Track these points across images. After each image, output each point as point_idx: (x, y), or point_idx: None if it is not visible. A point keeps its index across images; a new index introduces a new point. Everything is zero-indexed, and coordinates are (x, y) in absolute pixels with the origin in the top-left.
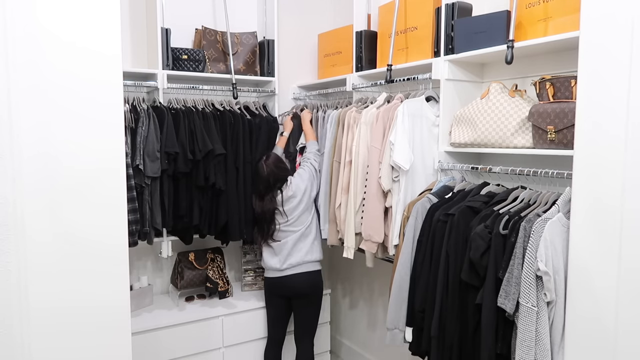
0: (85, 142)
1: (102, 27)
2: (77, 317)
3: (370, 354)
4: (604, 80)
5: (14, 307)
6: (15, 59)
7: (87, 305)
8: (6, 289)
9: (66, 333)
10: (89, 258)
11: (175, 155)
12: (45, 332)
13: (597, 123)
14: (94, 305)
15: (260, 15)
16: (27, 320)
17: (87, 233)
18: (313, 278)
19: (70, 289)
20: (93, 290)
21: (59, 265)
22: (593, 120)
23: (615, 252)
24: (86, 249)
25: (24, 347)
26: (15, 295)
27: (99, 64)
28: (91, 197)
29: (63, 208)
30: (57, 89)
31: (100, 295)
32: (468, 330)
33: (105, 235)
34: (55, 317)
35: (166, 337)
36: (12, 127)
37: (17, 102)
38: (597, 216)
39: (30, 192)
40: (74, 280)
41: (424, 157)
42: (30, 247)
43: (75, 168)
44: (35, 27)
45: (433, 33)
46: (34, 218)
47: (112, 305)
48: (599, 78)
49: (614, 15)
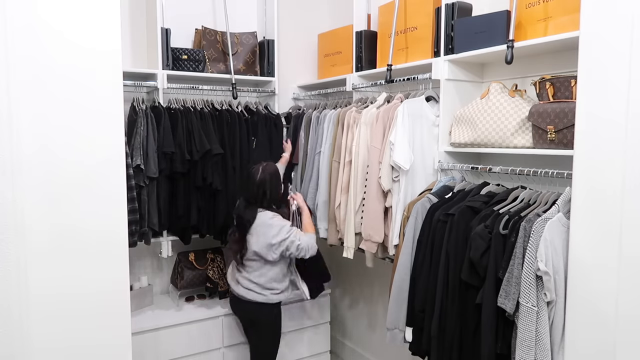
0: (85, 136)
1: (101, 20)
2: (77, 316)
3: (370, 354)
4: (604, 79)
5: (14, 303)
6: (14, 52)
7: (88, 304)
8: (6, 287)
9: (66, 332)
10: (89, 250)
11: (172, 155)
12: (45, 331)
13: (597, 122)
14: (94, 305)
15: (260, 15)
16: (27, 320)
17: (87, 226)
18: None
19: (70, 284)
20: (93, 288)
21: (59, 259)
22: (593, 118)
23: (615, 251)
24: (86, 243)
25: (24, 346)
26: (15, 293)
27: (99, 57)
28: (91, 190)
29: (63, 202)
30: (56, 83)
31: (100, 294)
32: (468, 330)
33: (105, 229)
34: (55, 316)
35: (166, 337)
36: (11, 121)
37: (16, 96)
38: (597, 216)
39: (30, 186)
40: (73, 274)
41: (424, 157)
42: (30, 242)
43: (75, 162)
44: (35, 21)
45: (433, 33)
46: (33, 212)
47: (112, 304)
48: (599, 76)
49: (614, 11)
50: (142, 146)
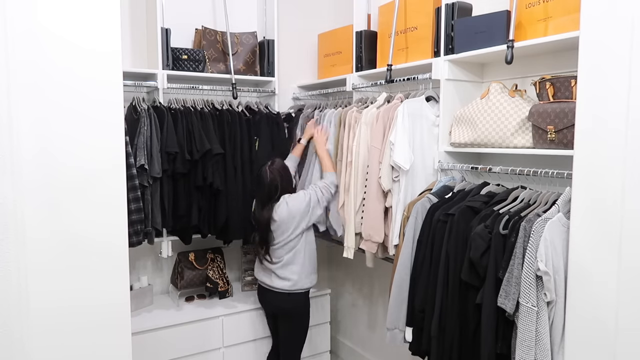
0: (85, 140)
1: (101, 24)
2: (77, 316)
3: (370, 354)
4: (604, 78)
5: (14, 306)
6: (15, 57)
7: (87, 304)
8: (6, 288)
9: (66, 332)
10: (88, 256)
11: (175, 155)
12: (45, 331)
13: (597, 122)
14: (94, 304)
15: (260, 15)
16: (27, 320)
17: (87, 231)
18: (296, 298)
19: (70, 288)
20: (93, 289)
21: (59, 264)
22: (593, 118)
23: (615, 251)
24: (86, 247)
25: (24, 346)
26: (15, 295)
27: (99, 61)
28: (91, 195)
29: (63, 206)
30: (56, 87)
31: (100, 294)
32: (468, 330)
33: (106, 233)
34: (55, 316)
35: (166, 337)
36: (11, 125)
37: (16, 100)
38: (597, 216)
39: (30, 191)
40: (73, 279)
41: (424, 157)
42: (30, 246)
43: (75, 166)
44: (34, 25)
45: (433, 33)
46: (33, 217)
47: (112, 304)
48: (599, 76)
49: (614, 12)
50: (145, 146)
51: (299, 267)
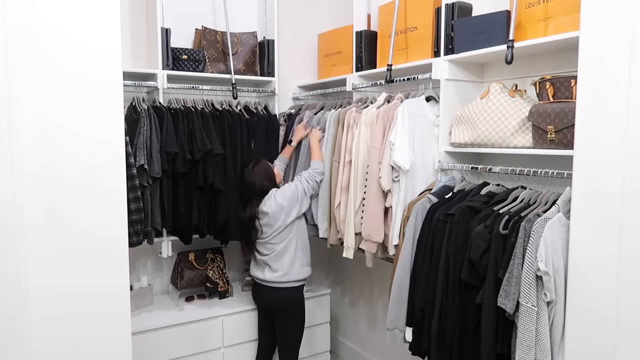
0: (85, 135)
1: (101, 20)
2: (77, 316)
3: (370, 354)
4: (604, 79)
5: (14, 305)
6: (14, 51)
7: (87, 304)
8: (6, 287)
9: (66, 332)
10: (89, 253)
11: (175, 155)
12: (45, 331)
13: (597, 122)
14: (94, 304)
15: (260, 15)
16: (27, 320)
17: (87, 226)
18: (289, 293)
19: (70, 284)
20: (93, 288)
21: (59, 260)
22: (593, 118)
23: (615, 251)
24: (86, 243)
25: (24, 346)
26: (15, 293)
27: (99, 57)
28: (91, 191)
29: (63, 202)
30: (56, 83)
31: (101, 293)
32: (468, 330)
33: (105, 225)
34: (55, 316)
35: (166, 337)
36: (11, 119)
37: (17, 96)
38: (597, 216)
39: (30, 187)
40: (73, 275)
41: (424, 157)
42: (30, 242)
43: (75, 162)
44: (34, 21)
45: (433, 33)
46: (33, 213)
47: (112, 304)
48: (599, 77)
49: (614, 12)
50: (145, 146)
51: (290, 257)
